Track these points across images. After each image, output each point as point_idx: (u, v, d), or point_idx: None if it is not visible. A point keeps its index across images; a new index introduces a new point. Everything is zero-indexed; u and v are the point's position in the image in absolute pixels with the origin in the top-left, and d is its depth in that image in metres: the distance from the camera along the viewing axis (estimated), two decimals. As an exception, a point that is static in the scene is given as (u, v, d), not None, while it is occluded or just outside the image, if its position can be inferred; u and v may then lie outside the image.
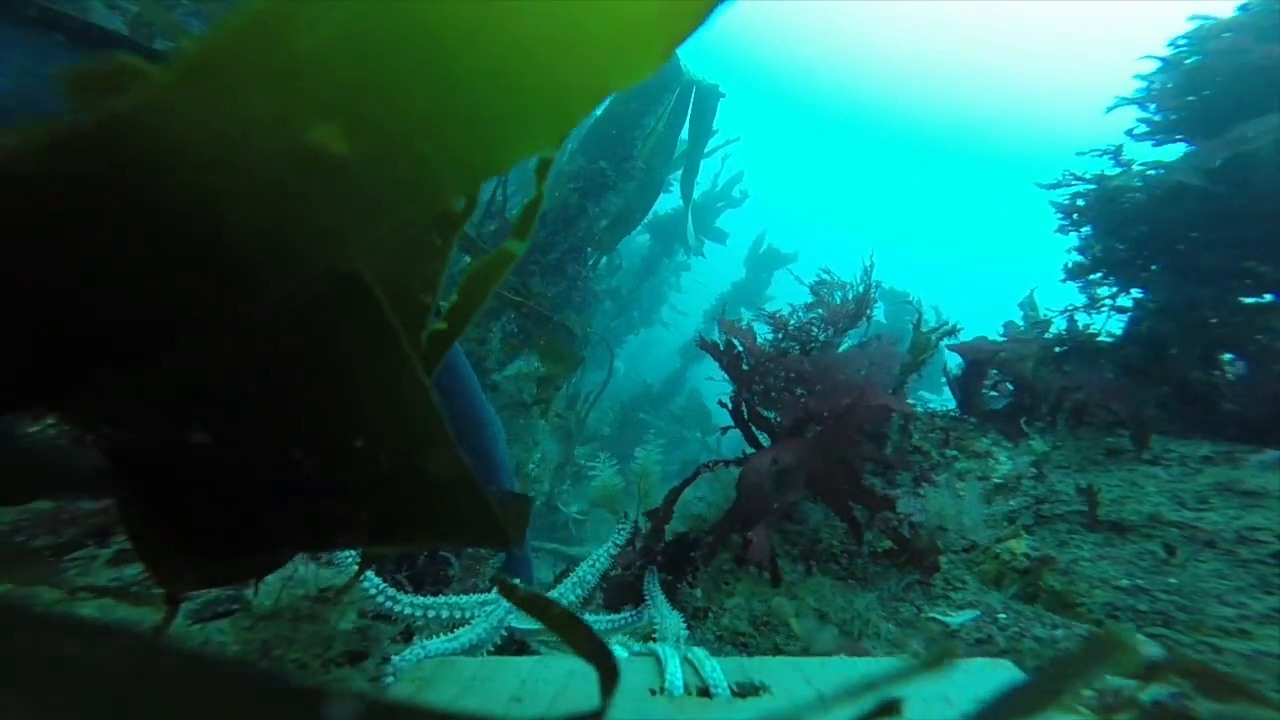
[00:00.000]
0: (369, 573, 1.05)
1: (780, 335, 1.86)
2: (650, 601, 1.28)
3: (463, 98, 0.19)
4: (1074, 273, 2.56)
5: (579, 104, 0.21)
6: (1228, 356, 2.13)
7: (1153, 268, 2.37)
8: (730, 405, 1.76)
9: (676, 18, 0.19)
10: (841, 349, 1.89)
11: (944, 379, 2.30)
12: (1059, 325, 2.56)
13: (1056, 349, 2.51)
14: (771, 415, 1.71)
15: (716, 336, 1.88)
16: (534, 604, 0.43)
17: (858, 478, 1.54)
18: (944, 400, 2.34)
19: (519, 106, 0.19)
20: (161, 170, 0.19)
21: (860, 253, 2.13)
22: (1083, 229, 2.51)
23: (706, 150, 4.89)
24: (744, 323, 1.87)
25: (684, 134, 4.72)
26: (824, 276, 2.06)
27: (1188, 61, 2.29)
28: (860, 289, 2.04)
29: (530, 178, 0.39)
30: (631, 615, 1.22)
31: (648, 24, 0.19)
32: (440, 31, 0.17)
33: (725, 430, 1.81)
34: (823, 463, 1.54)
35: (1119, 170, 2.40)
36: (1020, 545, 1.54)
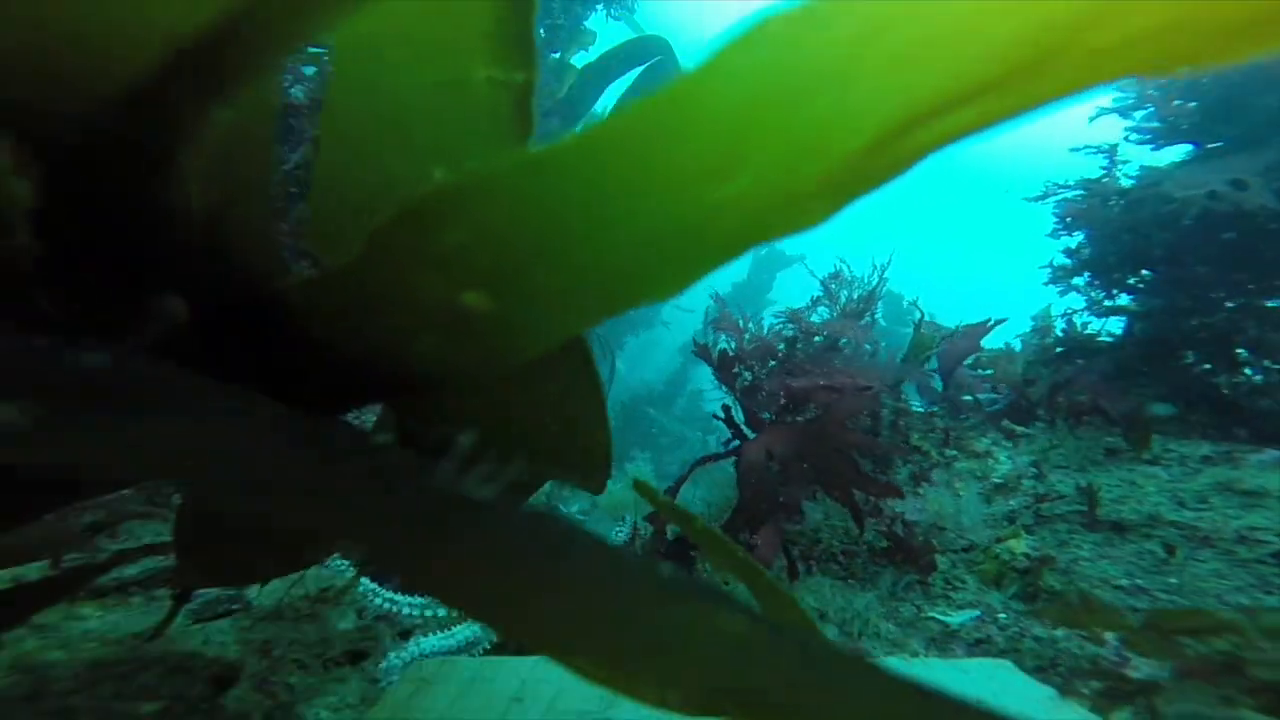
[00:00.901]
0: (364, 578, 1.05)
1: (794, 329, 1.87)
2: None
3: (593, 275, 0.23)
4: (1058, 275, 2.57)
5: (716, 264, 0.24)
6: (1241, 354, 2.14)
7: (1146, 272, 2.37)
8: (723, 416, 1.76)
9: (845, 188, 0.20)
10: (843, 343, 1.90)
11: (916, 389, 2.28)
12: (1060, 327, 2.57)
13: (1057, 350, 2.51)
14: (768, 416, 1.72)
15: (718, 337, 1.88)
16: (674, 512, 0.46)
17: (858, 466, 1.54)
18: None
19: (651, 276, 0.23)
20: (371, 318, 0.26)
21: (864, 252, 2.13)
22: (1075, 233, 2.52)
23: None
24: (740, 320, 1.87)
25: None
26: (840, 267, 2.06)
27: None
28: (870, 285, 2.04)
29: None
30: None
31: (809, 196, 0.20)
32: (567, 227, 0.22)
33: (727, 443, 1.80)
34: (821, 452, 1.54)
35: (1102, 174, 2.42)
36: (1020, 545, 1.54)
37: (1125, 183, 2.40)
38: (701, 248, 0.22)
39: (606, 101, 4.51)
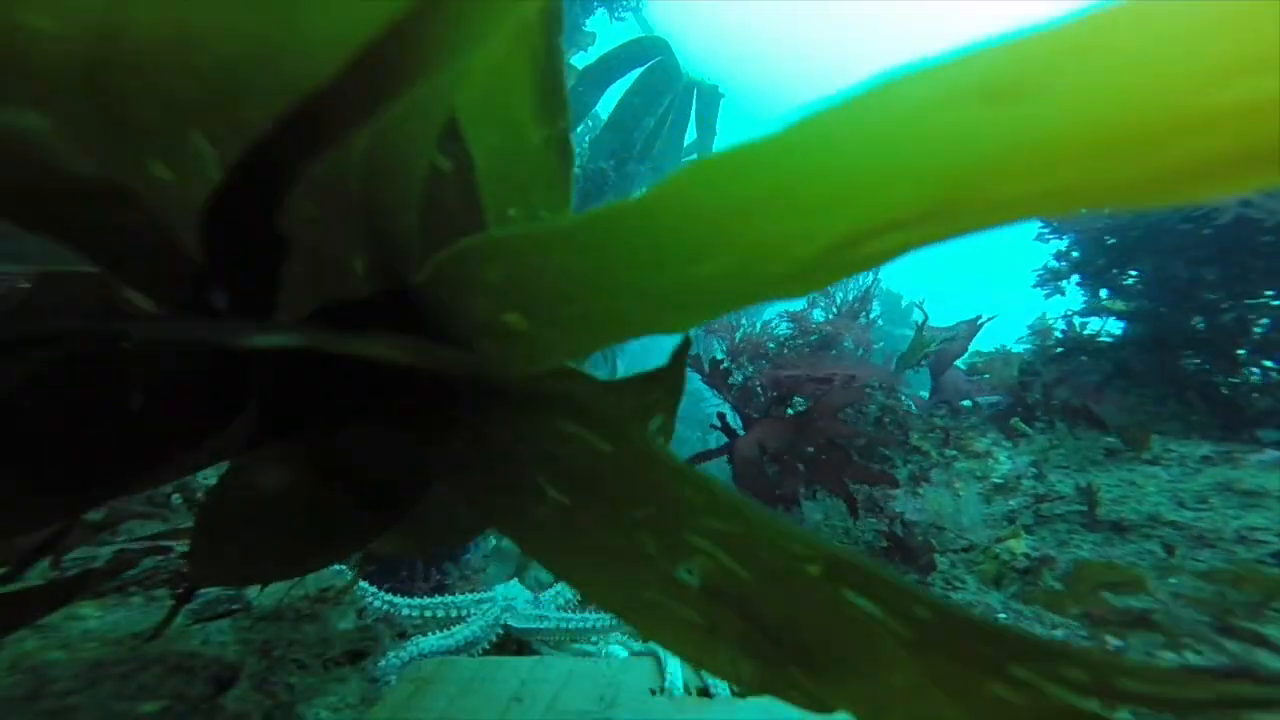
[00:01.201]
0: (362, 581, 1.05)
1: (791, 327, 1.89)
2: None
3: (602, 315, 0.31)
4: (1046, 278, 2.58)
5: (707, 319, 0.31)
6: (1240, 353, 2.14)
7: (1135, 271, 2.38)
8: (719, 424, 1.77)
9: (809, 280, 0.27)
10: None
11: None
12: (1059, 328, 2.57)
13: (1057, 350, 2.51)
14: (758, 416, 1.72)
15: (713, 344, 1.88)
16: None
17: (850, 456, 1.55)
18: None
19: (649, 321, 0.31)
20: (445, 322, 0.35)
21: None
22: (1064, 236, 2.54)
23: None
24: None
25: (690, 133, 4.76)
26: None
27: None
28: (865, 284, 2.08)
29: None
30: None
31: (777, 281, 0.26)
32: (579, 280, 0.29)
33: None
34: (812, 444, 1.54)
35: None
36: (1020, 545, 1.54)
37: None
38: (689, 307, 0.29)
39: (608, 103, 4.52)
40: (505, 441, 0.39)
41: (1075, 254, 2.51)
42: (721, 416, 1.76)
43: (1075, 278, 2.53)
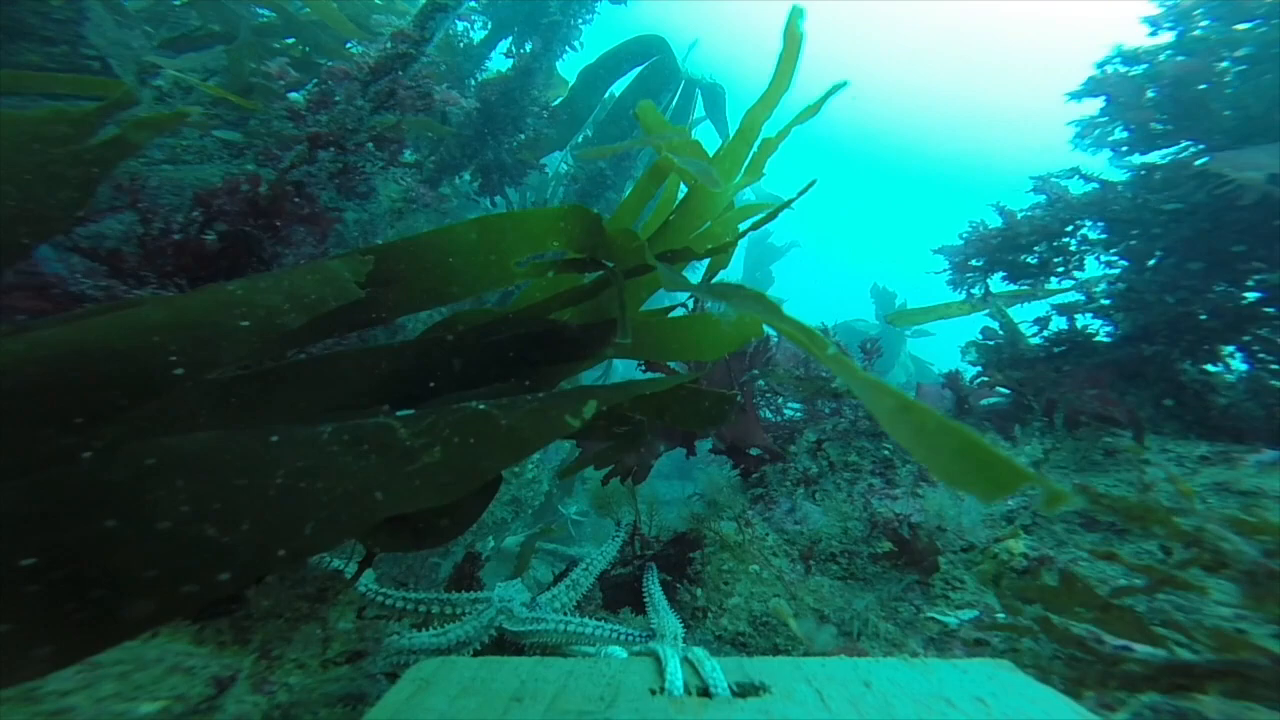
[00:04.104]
0: (361, 582, 1.05)
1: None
2: (648, 600, 1.27)
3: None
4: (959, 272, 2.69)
5: None
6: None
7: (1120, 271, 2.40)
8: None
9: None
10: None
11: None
12: (1058, 324, 2.57)
13: (1055, 349, 2.52)
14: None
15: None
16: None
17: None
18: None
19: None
20: None
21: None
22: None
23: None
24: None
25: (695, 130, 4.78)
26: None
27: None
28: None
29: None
30: (638, 634, 1.15)
31: None
32: None
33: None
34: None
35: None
36: (1019, 545, 1.54)
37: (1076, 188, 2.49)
38: None
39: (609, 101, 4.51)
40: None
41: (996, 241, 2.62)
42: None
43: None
